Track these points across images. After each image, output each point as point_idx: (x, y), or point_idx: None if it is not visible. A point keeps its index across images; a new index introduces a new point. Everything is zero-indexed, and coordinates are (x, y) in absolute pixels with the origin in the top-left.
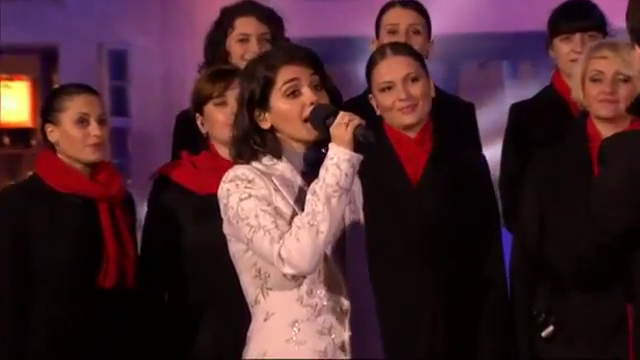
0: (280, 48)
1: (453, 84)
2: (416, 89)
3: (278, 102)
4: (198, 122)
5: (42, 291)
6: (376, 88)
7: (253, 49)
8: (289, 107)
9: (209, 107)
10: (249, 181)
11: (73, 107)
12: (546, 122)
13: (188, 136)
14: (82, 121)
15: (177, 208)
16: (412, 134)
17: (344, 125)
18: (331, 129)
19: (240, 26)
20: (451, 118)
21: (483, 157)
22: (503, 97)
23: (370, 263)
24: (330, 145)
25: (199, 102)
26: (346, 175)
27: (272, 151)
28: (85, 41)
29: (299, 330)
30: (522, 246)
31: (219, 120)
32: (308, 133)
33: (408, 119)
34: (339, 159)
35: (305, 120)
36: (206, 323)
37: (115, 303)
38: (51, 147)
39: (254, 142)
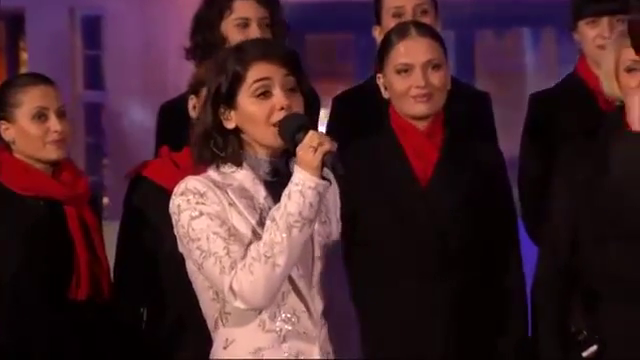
0: (255, 42)
1: (467, 54)
2: (436, 78)
3: (246, 101)
4: (190, 104)
5: (6, 305)
6: (392, 69)
7: (254, 35)
8: (257, 109)
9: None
10: (201, 195)
11: (29, 101)
12: (570, 114)
13: (172, 130)
14: (40, 116)
15: (155, 212)
16: (421, 125)
17: (312, 149)
18: (298, 150)
19: (239, 9)
20: (465, 110)
21: (499, 152)
22: (523, 69)
23: (373, 275)
24: (295, 168)
25: (199, 83)
26: (310, 205)
27: (232, 156)
28: (55, 5)
29: (262, 358)
30: (553, 253)
31: None
32: (274, 139)
33: (421, 109)
34: (304, 186)
35: (273, 125)
36: (187, 337)
37: (89, 318)
38: (6, 147)
39: (214, 143)
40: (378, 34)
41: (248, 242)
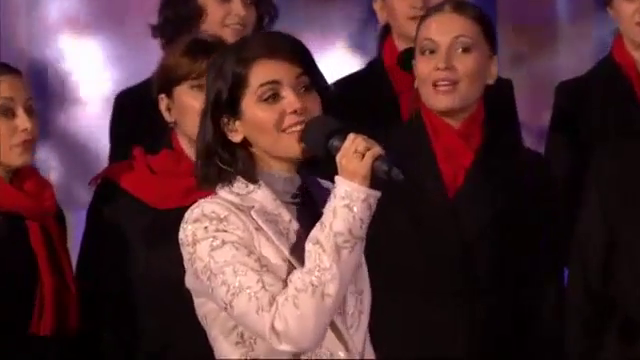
0: (259, 37)
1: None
2: (463, 62)
3: (251, 108)
4: (162, 106)
5: None
6: (418, 50)
7: (237, 11)
8: (265, 115)
9: (182, 89)
10: (221, 220)
11: None
12: (604, 105)
13: (133, 124)
14: (6, 111)
15: (128, 226)
16: (455, 123)
17: (359, 155)
18: (339, 158)
19: None
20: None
21: (546, 161)
22: (555, 21)
23: (388, 298)
24: (337, 180)
25: (169, 81)
26: (361, 220)
27: (244, 171)
28: None
29: None
30: (582, 274)
31: (195, 108)
32: (289, 148)
33: (442, 101)
34: (352, 199)
35: (283, 130)
36: None
37: (53, 355)
38: None
39: (220, 159)
40: (379, 8)
41: (281, 273)
